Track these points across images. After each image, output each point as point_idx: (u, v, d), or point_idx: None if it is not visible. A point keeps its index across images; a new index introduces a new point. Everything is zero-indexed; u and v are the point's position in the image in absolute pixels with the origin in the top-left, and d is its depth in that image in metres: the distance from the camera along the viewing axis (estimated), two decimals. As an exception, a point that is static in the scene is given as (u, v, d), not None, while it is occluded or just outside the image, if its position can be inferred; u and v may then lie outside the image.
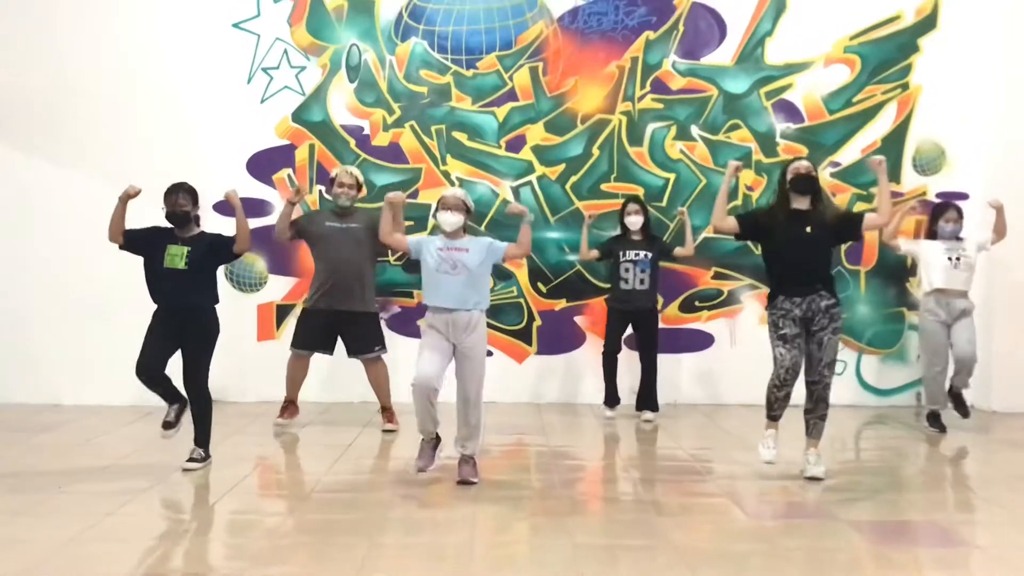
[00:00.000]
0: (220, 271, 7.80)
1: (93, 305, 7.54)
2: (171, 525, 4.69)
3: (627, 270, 7.14)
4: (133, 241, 5.51)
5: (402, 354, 7.65)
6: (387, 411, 6.86)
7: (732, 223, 5.44)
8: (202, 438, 5.56)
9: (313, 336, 6.77)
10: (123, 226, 5.51)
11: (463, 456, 5.28)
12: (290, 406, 6.92)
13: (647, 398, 7.25)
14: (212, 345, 5.55)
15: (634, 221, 7.15)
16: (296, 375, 6.90)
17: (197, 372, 5.49)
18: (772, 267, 5.48)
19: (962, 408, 6.90)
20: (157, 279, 5.45)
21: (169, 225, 5.52)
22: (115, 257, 7.37)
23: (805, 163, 5.44)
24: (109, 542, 4.23)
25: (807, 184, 5.34)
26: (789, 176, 5.37)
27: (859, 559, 4.13)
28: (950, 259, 6.77)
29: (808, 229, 5.30)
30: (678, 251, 7.34)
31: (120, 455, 5.76)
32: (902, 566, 4.01)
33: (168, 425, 5.56)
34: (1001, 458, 6.27)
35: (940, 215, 6.94)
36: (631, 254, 7.16)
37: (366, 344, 6.79)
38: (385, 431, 6.74)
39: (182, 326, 5.43)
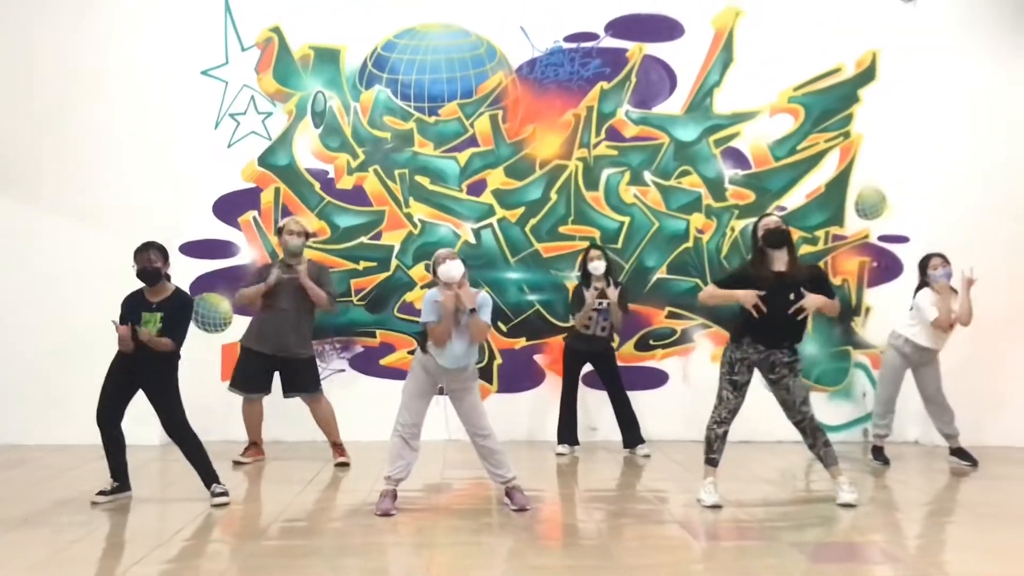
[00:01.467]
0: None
1: (58, 344, 7.62)
2: (137, 552, 4.77)
3: (591, 318, 7.35)
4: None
5: (366, 392, 7.85)
6: (337, 446, 7.02)
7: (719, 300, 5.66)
8: (210, 474, 5.67)
9: (254, 379, 6.94)
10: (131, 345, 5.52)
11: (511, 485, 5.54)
12: (253, 447, 7.05)
13: (632, 432, 7.44)
14: (174, 384, 5.65)
15: (596, 266, 7.33)
16: (252, 419, 7.07)
17: (172, 413, 5.60)
18: (748, 316, 5.52)
19: (968, 457, 7.06)
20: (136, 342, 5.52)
21: (140, 285, 5.62)
22: (81, 297, 7.56)
23: (774, 218, 5.71)
24: (75, 566, 4.33)
25: (780, 237, 5.57)
26: (761, 232, 5.59)
27: (795, 574, 4.34)
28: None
29: (792, 296, 5.45)
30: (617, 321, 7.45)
31: (85, 490, 5.83)
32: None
33: (103, 492, 5.62)
34: (939, 487, 6.54)
35: (927, 264, 7.07)
36: (597, 303, 7.35)
37: (302, 385, 6.97)
38: (338, 465, 6.89)
39: (137, 370, 5.56)
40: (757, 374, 5.71)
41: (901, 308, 7.69)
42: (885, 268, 8.19)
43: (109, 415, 5.61)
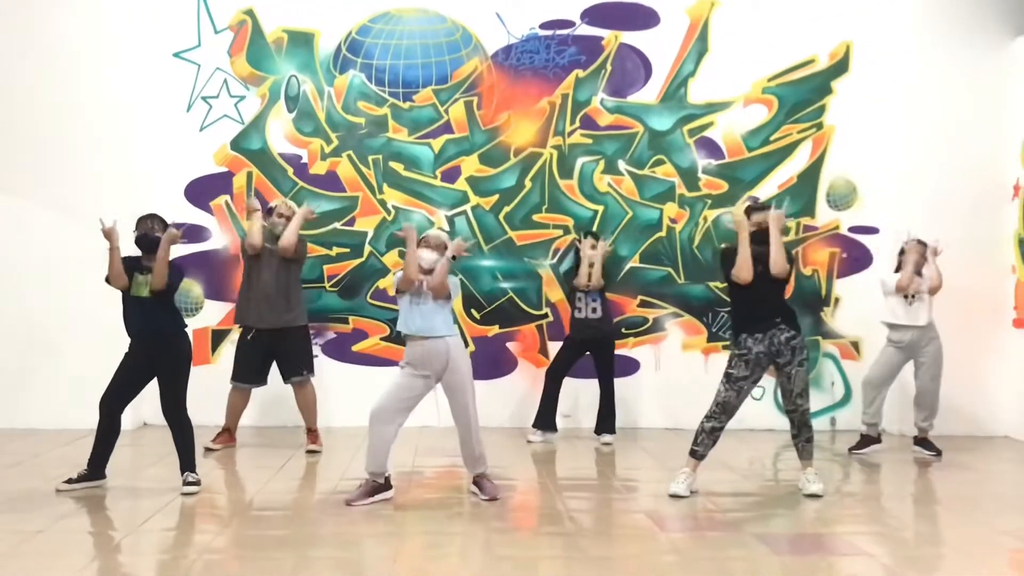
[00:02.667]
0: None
1: (27, 329, 7.55)
2: (104, 541, 4.77)
3: (580, 299, 7.42)
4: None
5: (337, 381, 7.84)
6: (312, 432, 7.03)
7: (748, 272, 5.59)
8: (191, 462, 5.65)
9: (252, 368, 6.96)
10: (122, 269, 5.49)
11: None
12: (225, 434, 7.05)
13: (607, 421, 7.50)
14: (186, 372, 5.70)
15: (590, 255, 7.41)
16: (238, 406, 7.07)
17: (175, 400, 5.62)
18: (740, 309, 5.68)
19: (932, 447, 7.17)
20: (128, 309, 5.56)
21: (137, 253, 5.60)
22: (55, 283, 7.49)
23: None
24: (42, 557, 4.32)
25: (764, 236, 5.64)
26: (754, 223, 5.67)
27: (760, 566, 4.41)
28: (907, 298, 7.07)
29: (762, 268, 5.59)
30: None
31: (50, 477, 5.79)
32: (795, 571, 4.29)
33: (70, 480, 5.59)
34: (903, 478, 6.64)
35: (902, 254, 7.23)
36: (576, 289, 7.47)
37: (296, 365, 6.96)
38: (309, 451, 6.91)
39: (155, 355, 5.56)
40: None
41: (870, 299, 7.81)
42: (855, 259, 8.26)
43: (117, 403, 5.61)
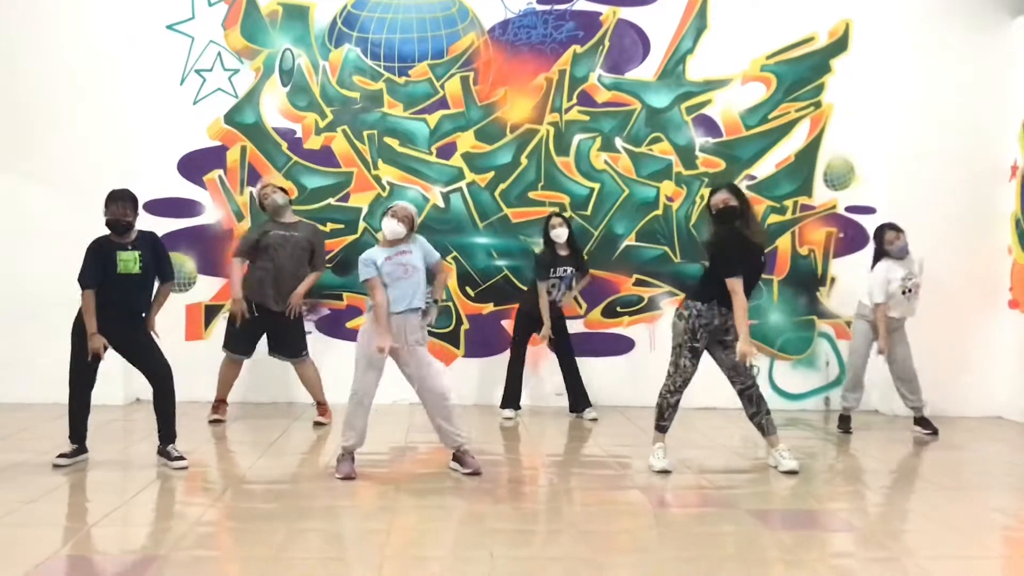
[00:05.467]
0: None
1: (17, 302, 7.50)
2: (94, 511, 4.74)
3: (554, 285, 7.38)
4: (96, 278, 5.38)
5: (332, 357, 7.81)
6: (322, 406, 7.09)
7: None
8: (174, 433, 5.59)
9: (247, 341, 6.99)
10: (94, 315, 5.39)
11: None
12: (222, 405, 7.09)
13: (583, 396, 7.51)
14: (149, 334, 5.66)
15: (559, 233, 7.35)
16: (231, 377, 7.09)
17: (166, 366, 5.57)
18: (718, 279, 5.50)
19: (929, 426, 7.15)
20: (113, 287, 5.41)
21: (106, 232, 5.47)
22: (42, 256, 7.44)
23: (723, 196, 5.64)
24: (32, 527, 4.31)
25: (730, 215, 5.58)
26: (716, 211, 5.61)
27: (753, 540, 4.40)
28: (904, 292, 7.00)
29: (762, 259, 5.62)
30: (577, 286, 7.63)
31: (41, 450, 5.77)
32: (788, 547, 4.28)
33: (63, 455, 5.50)
34: (896, 457, 6.63)
35: (882, 236, 7.12)
36: (560, 270, 7.39)
37: (295, 348, 7.01)
38: (317, 423, 6.96)
39: (130, 330, 5.52)
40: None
41: (866, 279, 7.77)
42: (851, 238, 8.23)
43: (88, 379, 5.53)
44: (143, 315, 5.60)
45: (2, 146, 7.58)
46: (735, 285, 5.41)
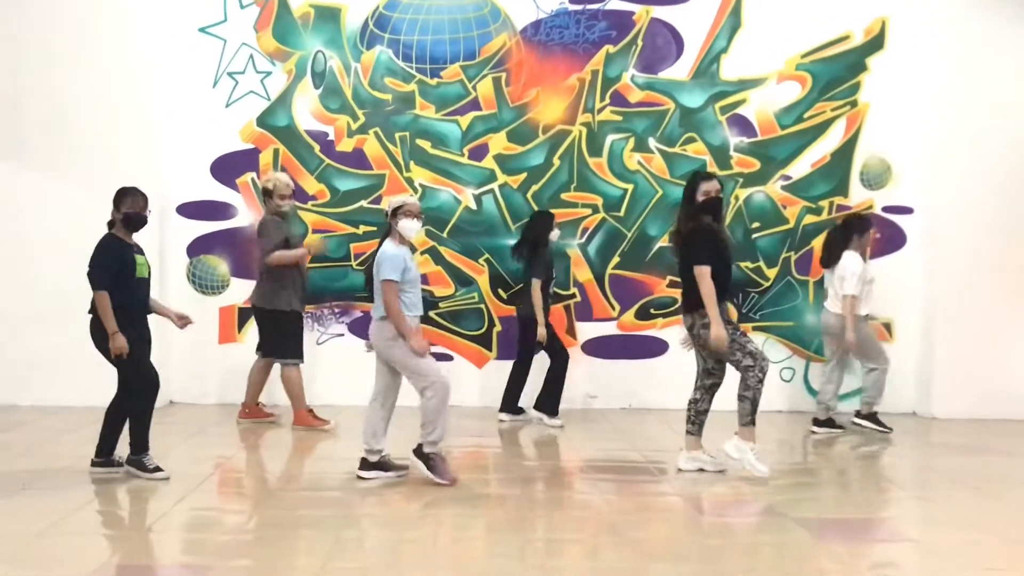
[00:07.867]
0: (182, 271, 7.94)
1: (54, 306, 7.50)
2: (136, 521, 4.75)
3: (548, 283, 7.34)
4: (112, 279, 5.28)
5: (363, 357, 7.76)
6: (309, 411, 7.02)
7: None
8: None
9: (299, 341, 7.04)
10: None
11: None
12: (307, 413, 7.01)
13: (556, 402, 7.35)
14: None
15: (558, 233, 7.39)
16: (263, 380, 7.12)
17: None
18: (720, 281, 5.52)
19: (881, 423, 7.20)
20: (136, 287, 5.36)
21: (119, 234, 5.41)
22: (77, 258, 7.41)
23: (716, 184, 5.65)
24: (77, 536, 4.31)
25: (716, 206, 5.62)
26: (704, 198, 5.57)
27: (805, 552, 4.33)
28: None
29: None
30: None
31: (81, 455, 5.76)
32: (842, 559, 4.22)
33: (153, 466, 5.35)
34: (938, 462, 6.55)
35: (861, 228, 7.14)
36: (553, 272, 7.42)
37: (296, 349, 6.98)
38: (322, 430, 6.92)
39: (147, 331, 5.50)
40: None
41: (905, 279, 7.72)
42: (888, 239, 8.11)
43: (157, 380, 5.47)
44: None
45: (38, 148, 7.58)
46: (703, 272, 5.43)
